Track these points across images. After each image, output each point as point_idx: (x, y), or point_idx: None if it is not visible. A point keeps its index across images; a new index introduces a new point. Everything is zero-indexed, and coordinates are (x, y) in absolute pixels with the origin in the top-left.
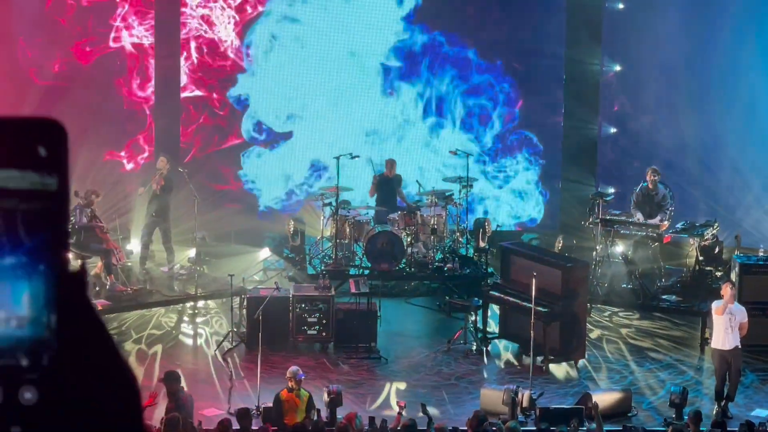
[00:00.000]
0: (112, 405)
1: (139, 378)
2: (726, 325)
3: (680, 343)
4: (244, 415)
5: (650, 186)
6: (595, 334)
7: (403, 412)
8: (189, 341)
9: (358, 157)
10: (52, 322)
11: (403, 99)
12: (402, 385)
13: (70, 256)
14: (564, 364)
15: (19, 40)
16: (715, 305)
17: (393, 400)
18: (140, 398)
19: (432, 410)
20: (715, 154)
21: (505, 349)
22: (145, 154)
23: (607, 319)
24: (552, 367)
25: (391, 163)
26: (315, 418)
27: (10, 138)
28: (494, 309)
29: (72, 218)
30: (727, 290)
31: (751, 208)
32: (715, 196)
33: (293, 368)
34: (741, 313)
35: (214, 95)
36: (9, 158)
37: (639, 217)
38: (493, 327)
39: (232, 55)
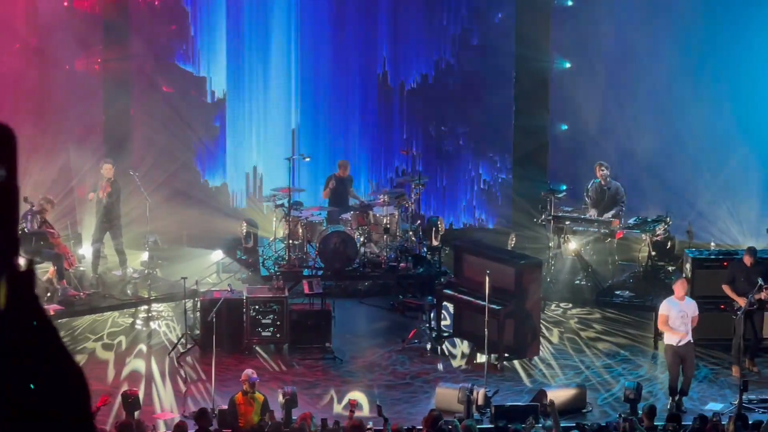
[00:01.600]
0: (60, 395)
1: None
2: (678, 321)
3: (634, 339)
4: (202, 415)
5: (602, 182)
6: (549, 331)
7: (356, 411)
8: (142, 345)
9: (309, 158)
10: None
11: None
12: (356, 386)
13: (21, 261)
14: (518, 361)
15: None
16: (667, 307)
17: (345, 400)
18: (88, 389)
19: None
20: (666, 149)
21: (460, 348)
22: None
23: (561, 315)
24: (506, 364)
25: (344, 165)
26: (269, 422)
27: None
28: (448, 307)
29: (23, 224)
30: (678, 288)
31: (703, 202)
32: (667, 192)
33: (247, 371)
34: (692, 308)
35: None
36: None
37: (592, 213)
38: (448, 325)
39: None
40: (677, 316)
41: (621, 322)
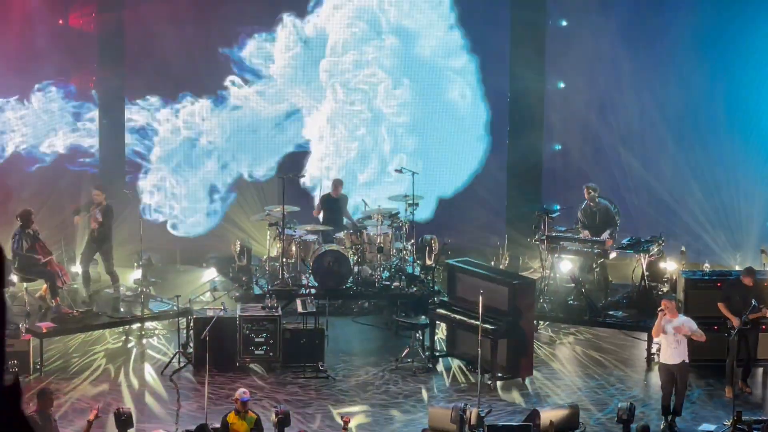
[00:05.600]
0: None
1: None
2: (671, 339)
3: (627, 359)
4: (201, 430)
5: (591, 203)
6: (542, 350)
7: (349, 427)
8: (136, 362)
9: (303, 176)
10: None
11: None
12: (349, 405)
13: (15, 278)
14: (512, 381)
15: None
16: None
17: (338, 418)
18: None
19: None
20: (659, 169)
21: (453, 367)
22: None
23: (554, 335)
24: (500, 384)
25: (337, 183)
26: None
27: None
28: (442, 327)
29: (12, 243)
30: (665, 307)
31: (696, 223)
32: (660, 212)
33: (240, 390)
34: (688, 324)
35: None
36: None
37: (586, 234)
38: (441, 345)
39: None
40: (671, 334)
41: (614, 342)
